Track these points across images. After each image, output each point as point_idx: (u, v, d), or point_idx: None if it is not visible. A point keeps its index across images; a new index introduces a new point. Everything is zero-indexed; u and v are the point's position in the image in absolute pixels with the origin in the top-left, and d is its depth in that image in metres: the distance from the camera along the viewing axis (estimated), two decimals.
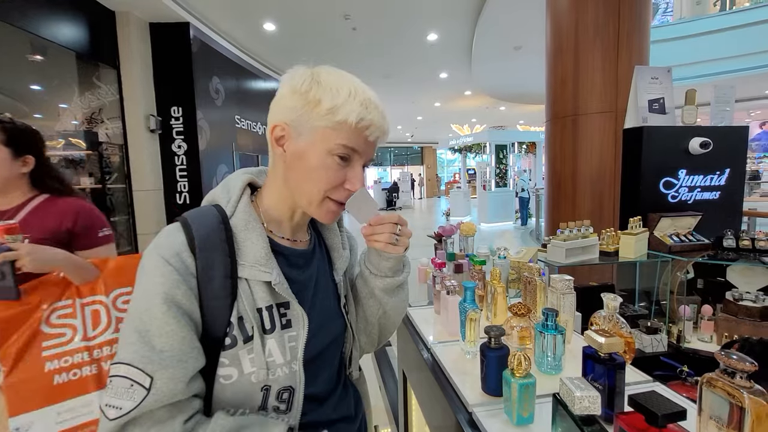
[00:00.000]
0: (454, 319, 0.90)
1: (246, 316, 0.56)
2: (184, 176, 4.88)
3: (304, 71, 0.59)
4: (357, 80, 0.60)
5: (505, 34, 6.05)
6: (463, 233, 1.55)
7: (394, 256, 0.66)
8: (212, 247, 0.55)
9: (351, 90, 0.57)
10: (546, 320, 0.73)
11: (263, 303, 0.57)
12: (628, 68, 2.95)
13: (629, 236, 1.74)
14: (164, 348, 0.49)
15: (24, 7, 3.38)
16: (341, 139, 0.57)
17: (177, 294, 0.51)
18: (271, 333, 0.57)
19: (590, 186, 3.19)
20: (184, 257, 0.54)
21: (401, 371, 1.21)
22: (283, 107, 0.59)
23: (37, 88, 4.93)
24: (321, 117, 0.56)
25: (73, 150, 4.54)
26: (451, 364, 0.84)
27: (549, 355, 0.73)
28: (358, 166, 0.61)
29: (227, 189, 0.63)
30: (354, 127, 0.57)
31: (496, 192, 10.37)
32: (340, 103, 0.56)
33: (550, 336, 0.72)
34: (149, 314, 0.50)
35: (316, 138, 0.57)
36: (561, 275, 0.86)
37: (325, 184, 0.58)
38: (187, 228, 0.56)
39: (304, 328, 0.60)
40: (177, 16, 4.61)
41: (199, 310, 0.54)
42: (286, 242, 0.65)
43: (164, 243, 0.54)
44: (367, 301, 0.72)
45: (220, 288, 0.55)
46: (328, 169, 0.58)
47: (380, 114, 0.59)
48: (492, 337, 0.67)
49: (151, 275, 0.52)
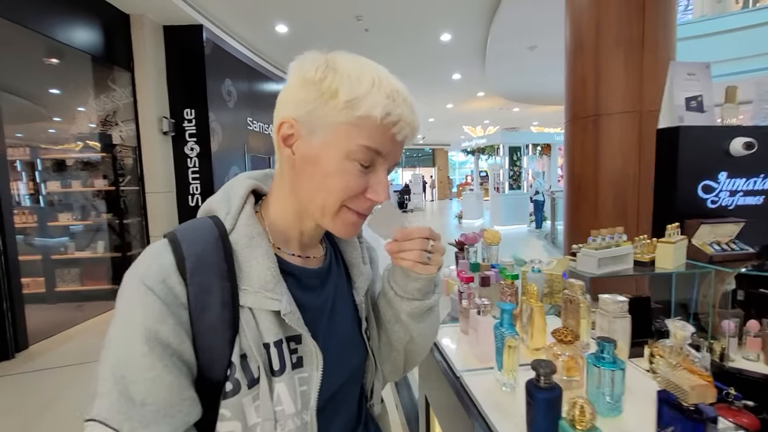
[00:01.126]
0: (487, 344, 0.80)
1: (250, 353, 0.46)
2: (196, 178, 4.86)
3: (316, 56, 0.49)
4: (381, 68, 0.50)
5: (520, 34, 5.92)
6: (486, 241, 1.44)
7: (424, 276, 0.55)
8: (208, 269, 0.45)
9: (375, 78, 0.47)
10: (602, 351, 0.62)
11: (271, 337, 0.47)
12: (654, 67, 2.83)
13: (667, 245, 1.61)
14: (146, 400, 0.39)
15: (41, 11, 3.39)
16: (363, 139, 0.47)
17: (162, 330, 0.41)
18: (280, 375, 0.47)
19: (612, 189, 3.05)
20: (171, 283, 0.43)
21: (423, 396, 1.11)
22: (292, 100, 0.49)
23: (56, 92, 4.98)
24: (338, 111, 0.46)
25: (91, 152, 4.57)
26: (484, 396, 0.73)
27: (606, 393, 0.62)
28: (383, 171, 0.50)
29: (227, 197, 0.52)
30: (379, 123, 0.46)
31: (510, 194, 10.18)
32: (362, 93, 0.46)
33: (606, 371, 0.61)
34: (127, 356, 0.40)
35: (331, 137, 0.47)
36: (613, 295, 0.74)
37: (342, 193, 0.49)
38: (176, 246, 0.46)
39: (318, 368, 0.50)
40: (190, 18, 4.60)
41: (191, 349, 0.44)
42: (296, 260, 0.55)
43: (147, 266, 0.44)
44: (392, 327, 0.61)
45: (218, 320, 0.45)
46: (347, 175, 0.48)
47: (410, 108, 0.49)
48: (541, 375, 0.57)
49: (129, 306, 0.42)
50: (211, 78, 4.91)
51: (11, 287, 3.04)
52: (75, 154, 4.66)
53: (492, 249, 1.48)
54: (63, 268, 4.36)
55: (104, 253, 4.45)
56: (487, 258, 1.49)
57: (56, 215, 4.35)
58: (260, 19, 5.26)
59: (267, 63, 6.75)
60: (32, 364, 2.93)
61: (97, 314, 3.97)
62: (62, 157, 4.59)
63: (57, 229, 4.41)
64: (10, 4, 3.10)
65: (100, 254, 4.44)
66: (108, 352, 0.41)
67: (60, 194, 4.50)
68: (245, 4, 4.81)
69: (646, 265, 1.66)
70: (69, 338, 3.43)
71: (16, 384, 2.65)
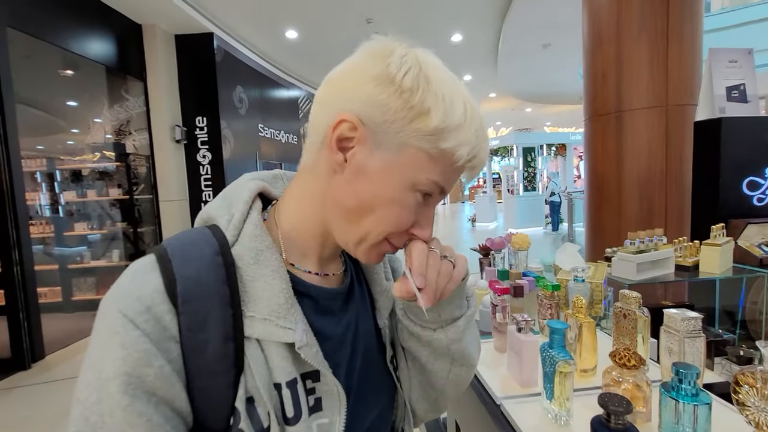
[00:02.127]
0: (530, 368, 0.69)
1: (258, 396, 0.37)
2: (208, 186, 4.86)
3: (405, 51, 0.39)
4: (463, 86, 0.41)
5: (533, 32, 5.79)
6: (514, 246, 1.34)
7: (453, 293, 0.45)
8: (205, 292, 0.36)
9: (467, 106, 0.39)
10: (680, 381, 0.51)
11: (283, 376, 0.38)
12: (679, 60, 2.70)
13: (713, 247, 1.47)
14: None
15: (57, 25, 3.43)
16: (436, 175, 0.40)
17: (148, 374, 0.33)
18: (295, 423, 0.38)
19: (638, 189, 2.92)
20: (158, 312, 0.35)
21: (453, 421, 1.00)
22: (364, 95, 0.38)
23: (72, 103, 5.06)
24: (421, 135, 0.38)
25: (106, 162, 4.63)
26: (532, 429, 0.63)
27: (687, 431, 0.51)
28: (434, 206, 0.44)
29: (228, 202, 0.43)
30: (461, 164, 0.40)
31: (525, 196, 9.99)
32: (455, 125, 0.38)
33: (688, 406, 0.51)
34: (101, 411, 0.32)
35: (402, 159, 0.39)
36: (682, 311, 0.64)
37: (393, 226, 0.41)
38: (165, 264, 0.37)
39: (341, 412, 0.41)
40: (201, 27, 4.62)
41: (184, 394, 0.35)
42: (314, 278, 0.45)
43: (128, 291, 0.35)
44: (432, 366, 0.51)
45: (218, 357, 0.36)
46: (404, 207, 0.40)
47: (487, 144, 0.43)
48: (611, 413, 0.46)
49: (105, 346, 0.33)
50: (223, 85, 4.92)
51: (27, 298, 3.04)
52: (91, 164, 4.71)
53: (520, 254, 1.37)
54: (79, 277, 4.39)
55: (119, 261, 4.47)
56: (515, 265, 1.38)
57: (73, 225, 4.39)
58: (270, 26, 5.27)
59: (277, 69, 6.77)
60: (49, 374, 2.91)
61: None
62: (79, 168, 4.64)
63: (73, 239, 4.45)
64: (28, 19, 3.14)
65: (116, 263, 4.46)
66: (79, 403, 0.32)
67: (77, 204, 4.55)
68: (255, 11, 4.82)
69: (689, 270, 1.53)
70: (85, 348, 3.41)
71: (33, 394, 2.63)
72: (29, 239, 3.13)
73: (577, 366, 0.77)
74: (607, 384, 0.63)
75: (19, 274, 2.99)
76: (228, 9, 4.66)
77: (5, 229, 2.93)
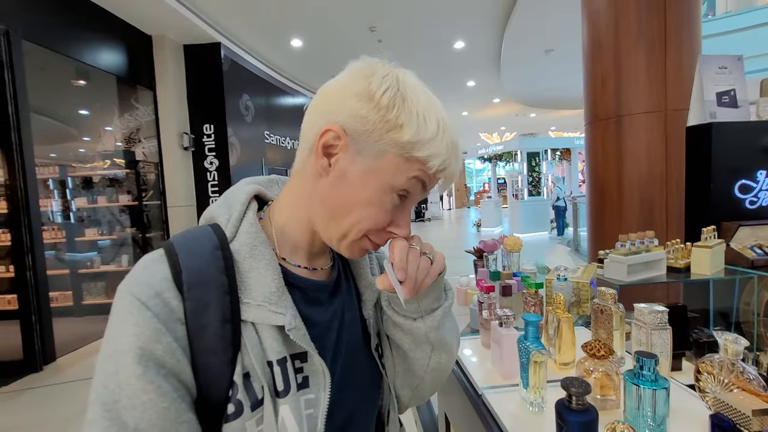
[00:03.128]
0: (510, 360, 0.74)
1: (253, 372, 0.42)
2: (215, 191, 4.96)
3: (387, 71, 0.45)
4: (439, 104, 0.47)
5: (535, 38, 5.85)
6: (507, 248, 1.38)
7: (432, 286, 0.51)
8: (206, 281, 0.42)
9: (440, 123, 0.45)
10: (641, 368, 0.55)
11: (275, 355, 0.44)
12: (677, 65, 2.73)
13: (703, 249, 1.50)
14: (139, 425, 0.36)
15: (70, 36, 3.56)
16: (414, 171, 0.45)
17: (157, 349, 0.38)
18: (284, 396, 0.44)
19: (638, 193, 2.94)
20: (167, 298, 0.40)
21: (443, 414, 1.05)
22: (347, 109, 0.44)
23: (84, 112, 5.21)
24: (395, 144, 0.44)
25: (116, 169, 4.75)
26: (510, 418, 0.67)
27: (648, 416, 0.55)
28: (410, 207, 0.49)
29: (228, 204, 0.49)
30: (433, 173, 0.46)
31: (529, 201, 9.98)
32: (427, 138, 0.44)
33: (647, 390, 0.55)
34: (119, 379, 0.37)
35: (380, 164, 0.44)
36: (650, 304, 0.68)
37: (372, 225, 0.46)
38: (172, 257, 0.43)
39: (324, 389, 0.46)
40: (209, 37, 4.75)
41: (189, 368, 0.40)
42: (303, 272, 0.51)
43: (140, 279, 0.41)
44: (413, 353, 0.56)
45: (218, 337, 0.41)
46: (382, 208, 0.45)
47: (459, 158, 0.48)
48: (573, 395, 0.51)
49: (121, 324, 0.39)
50: (229, 93, 5.04)
51: (40, 302, 3.13)
52: (101, 171, 4.83)
53: (513, 256, 1.41)
54: (89, 282, 4.49)
55: (128, 266, 4.56)
56: (507, 266, 1.42)
57: (84, 230, 4.50)
58: (276, 35, 5.39)
59: (283, 77, 6.90)
60: (60, 376, 2.99)
61: None
62: (90, 175, 4.77)
63: (84, 244, 4.56)
64: (43, 32, 3.27)
65: (125, 267, 4.55)
66: (98, 374, 0.38)
67: (88, 210, 4.67)
68: (261, 21, 4.94)
69: (681, 272, 1.55)
70: (95, 350, 3.50)
71: (44, 396, 2.70)
72: (42, 245, 3.22)
73: (557, 360, 0.81)
74: (580, 374, 0.67)
75: (31, 279, 3.08)
76: (235, 19, 4.79)
77: (19, 235, 3.03)
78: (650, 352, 0.58)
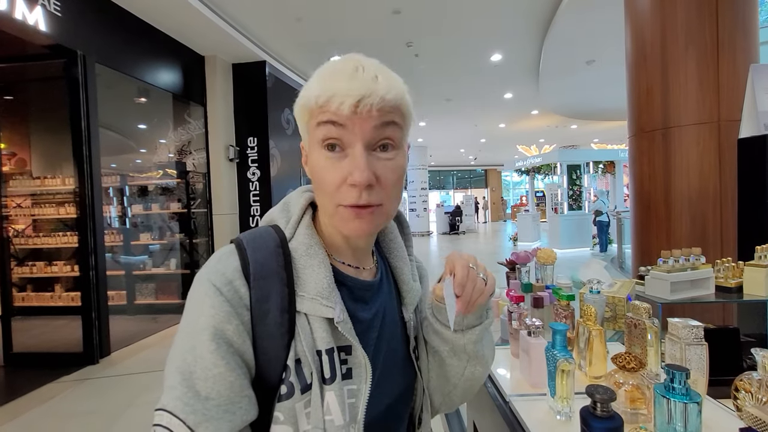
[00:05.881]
0: (539, 368, 0.74)
1: (304, 359, 0.47)
2: (257, 201, 5.21)
3: None
4: (345, 58, 0.49)
5: (576, 49, 5.71)
6: (540, 261, 1.37)
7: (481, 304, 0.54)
8: (269, 274, 0.48)
9: (318, 71, 0.49)
10: (672, 381, 0.55)
11: (323, 345, 0.48)
12: (732, 73, 2.57)
13: (757, 268, 1.41)
14: (210, 394, 0.41)
15: (134, 58, 3.95)
16: (313, 121, 0.48)
17: (228, 329, 0.44)
18: (330, 383, 0.48)
19: (689, 208, 2.77)
20: (237, 286, 0.46)
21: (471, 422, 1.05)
22: None
23: (142, 127, 5.69)
24: (299, 115, 0.51)
25: (168, 179, 5.13)
26: (537, 426, 0.68)
27: (678, 430, 0.54)
28: (358, 153, 0.46)
29: (287, 209, 0.55)
30: (318, 106, 0.46)
31: (570, 215, 9.59)
32: (305, 91, 0.49)
33: (678, 404, 0.54)
34: (195, 353, 0.42)
35: (307, 138, 0.50)
36: (685, 319, 0.66)
37: (328, 186, 0.47)
38: (241, 251, 0.49)
39: (366, 381, 0.50)
40: (255, 56, 5.07)
41: (251, 350, 0.46)
42: (350, 270, 0.55)
43: (216, 268, 0.47)
44: (450, 360, 0.59)
45: (276, 324, 0.47)
46: (323, 167, 0.47)
47: (348, 76, 0.45)
48: (598, 401, 0.52)
49: (199, 305, 0.44)
50: (272, 108, 5.32)
51: (99, 299, 3.42)
52: (155, 181, 5.24)
53: (546, 269, 1.39)
54: (141, 283, 4.84)
55: (176, 270, 4.88)
56: (541, 278, 1.41)
57: (138, 235, 4.87)
58: (317, 52, 5.64)
59: None
60: (114, 369, 3.24)
61: (168, 326, 4.33)
62: (145, 184, 5.18)
63: (138, 248, 4.93)
64: (112, 55, 3.65)
65: (173, 271, 4.87)
66: (177, 347, 0.44)
67: (141, 216, 5.06)
68: (303, 40, 5.21)
69: (732, 291, 1.47)
70: (145, 347, 3.77)
71: (100, 387, 2.94)
72: (104, 247, 3.53)
73: (588, 372, 0.80)
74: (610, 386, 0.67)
75: (93, 278, 3.38)
76: (279, 38, 5.09)
77: (85, 238, 3.34)
78: (682, 366, 0.57)
